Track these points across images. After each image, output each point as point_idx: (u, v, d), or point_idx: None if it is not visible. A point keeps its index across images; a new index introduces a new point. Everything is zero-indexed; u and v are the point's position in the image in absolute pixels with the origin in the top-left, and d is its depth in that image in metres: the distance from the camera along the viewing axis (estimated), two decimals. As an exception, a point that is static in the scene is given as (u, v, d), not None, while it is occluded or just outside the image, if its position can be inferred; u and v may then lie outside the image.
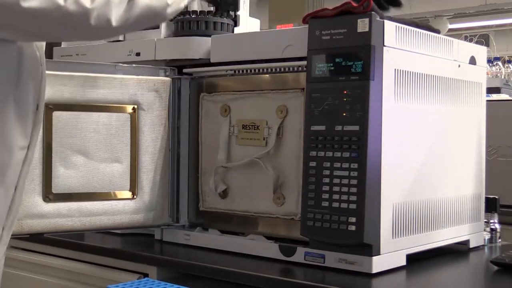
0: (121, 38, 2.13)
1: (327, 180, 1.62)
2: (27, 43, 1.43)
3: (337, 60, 1.62)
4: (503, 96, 3.98)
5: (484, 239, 2.03)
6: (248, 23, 2.22)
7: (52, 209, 1.77)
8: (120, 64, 1.94)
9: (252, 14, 2.29)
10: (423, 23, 1.80)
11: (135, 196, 1.89)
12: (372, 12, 1.59)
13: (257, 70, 1.86)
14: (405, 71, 1.68)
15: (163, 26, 2.05)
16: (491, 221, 2.07)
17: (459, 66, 1.89)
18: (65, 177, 1.78)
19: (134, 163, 1.89)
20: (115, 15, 1.36)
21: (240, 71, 1.90)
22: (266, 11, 9.18)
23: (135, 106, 1.89)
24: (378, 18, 1.60)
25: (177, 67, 2.00)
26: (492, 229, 2.07)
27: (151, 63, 2.02)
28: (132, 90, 1.89)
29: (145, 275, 1.82)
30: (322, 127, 1.64)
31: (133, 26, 1.43)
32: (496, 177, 2.52)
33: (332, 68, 1.63)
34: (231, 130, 1.89)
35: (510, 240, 2.13)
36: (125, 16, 1.37)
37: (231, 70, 1.92)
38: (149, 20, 1.47)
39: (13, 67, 1.40)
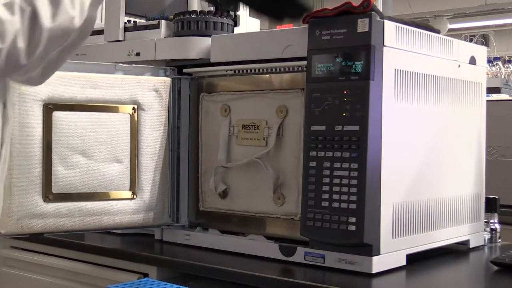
0: (121, 38, 2.13)
1: (327, 180, 1.62)
2: None
3: (337, 60, 1.62)
4: (503, 96, 3.99)
5: (484, 239, 2.03)
6: (248, 23, 2.22)
7: (52, 209, 1.77)
8: (120, 64, 1.94)
9: (252, 14, 2.29)
10: (423, 23, 1.80)
11: (135, 196, 1.89)
12: (372, 12, 1.59)
13: (257, 70, 1.86)
14: (405, 71, 1.68)
15: (163, 26, 2.05)
16: (491, 221, 2.07)
17: (459, 66, 1.89)
18: (65, 177, 1.78)
19: (134, 163, 1.89)
20: (23, 50, 1.28)
21: (240, 71, 1.90)
22: (266, 11, 9.16)
23: (135, 106, 1.89)
24: (378, 18, 1.60)
25: (177, 67, 2.00)
26: (492, 229, 2.07)
27: (151, 63, 2.02)
28: (132, 90, 1.89)
29: (145, 275, 1.82)
30: (322, 127, 1.64)
31: (46, 52, 1.34)
32: (496, 177, 2.52)
33: (332, 68, 1.63)
34: (231, 130, 1.89)
35: (510, 240, 2.12)
36: (33, 46, 1.29)
37: (231, 70, 1.92)
38: (60, 39, 1.35)
39: None
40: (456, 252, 1.92)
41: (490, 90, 3.86)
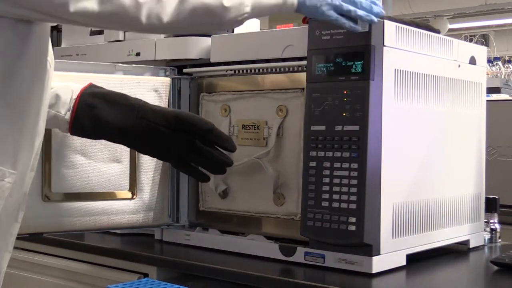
0: (121, 38, 2.12)
1: (327, 180, 1.62)
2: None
3: (337, 60, 1.62)
4: (503, 96, 3.99)
5: (484, 239, 2.03)
6: (248, 23, 2.21)
7: (52, 209, 1.77)
8: (120, 64, 1.94)
9: (252, 14, 2.29)
10: (423, 23, 1.80)
11: (134, 196, 1.89)
12: (372, 12, 1.59)
13: (257, 70, 1.86)
14: (405, 71, 1.68)
15: (163, 26, 2.04)
16: (491, 221, 2.07)
17: (459, 66, 1.88)
18: (65, 177, 1.78)
19: (134, 163, 1.88)
20: (166, 11, 1.31)
21: (240, 71, 1.90)
22: (266, 11, 9.15)
23: (135, 106, 1.89)
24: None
25: (177, 67, 2.00)
26: (492, 229, 2.07)
27: (151, 63, 2.01)
28: (132, 90, 1.88)
29: (145, 275, 1.82)
30: (322, 127, 1.64)
31: (185, 23, 1.36)
32: (496, 177, 2.52)
33: (332, 68, 1.63)
34: (231, 130, 1.89)
35: (510, 240, 2.13)
36: (177, 11, 1.32)
37: (231, 70, 1.92)
38: (203, 18, 1.38)
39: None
40: (456, 252, 1.92)
41: (490, 90, 3.86)
